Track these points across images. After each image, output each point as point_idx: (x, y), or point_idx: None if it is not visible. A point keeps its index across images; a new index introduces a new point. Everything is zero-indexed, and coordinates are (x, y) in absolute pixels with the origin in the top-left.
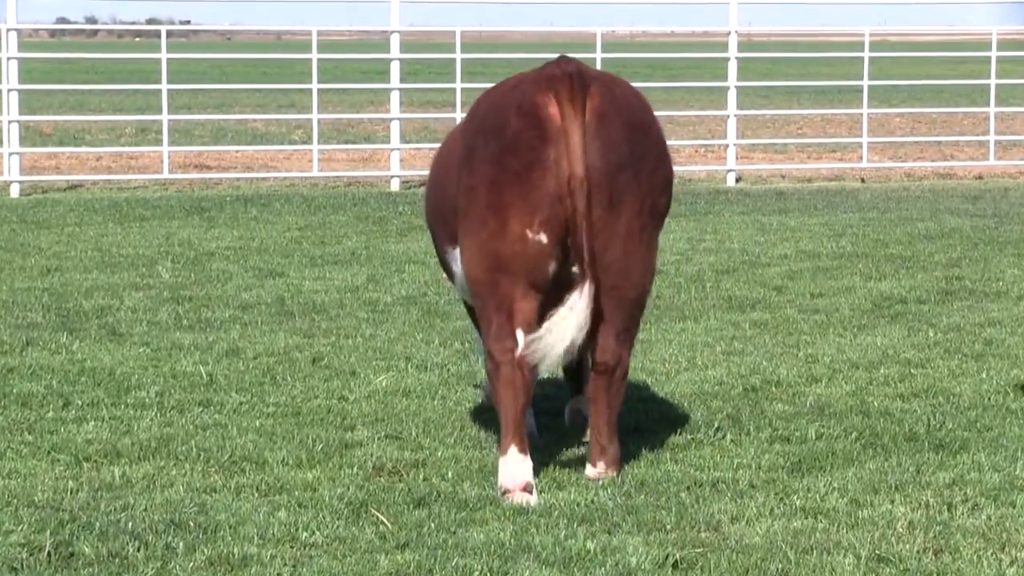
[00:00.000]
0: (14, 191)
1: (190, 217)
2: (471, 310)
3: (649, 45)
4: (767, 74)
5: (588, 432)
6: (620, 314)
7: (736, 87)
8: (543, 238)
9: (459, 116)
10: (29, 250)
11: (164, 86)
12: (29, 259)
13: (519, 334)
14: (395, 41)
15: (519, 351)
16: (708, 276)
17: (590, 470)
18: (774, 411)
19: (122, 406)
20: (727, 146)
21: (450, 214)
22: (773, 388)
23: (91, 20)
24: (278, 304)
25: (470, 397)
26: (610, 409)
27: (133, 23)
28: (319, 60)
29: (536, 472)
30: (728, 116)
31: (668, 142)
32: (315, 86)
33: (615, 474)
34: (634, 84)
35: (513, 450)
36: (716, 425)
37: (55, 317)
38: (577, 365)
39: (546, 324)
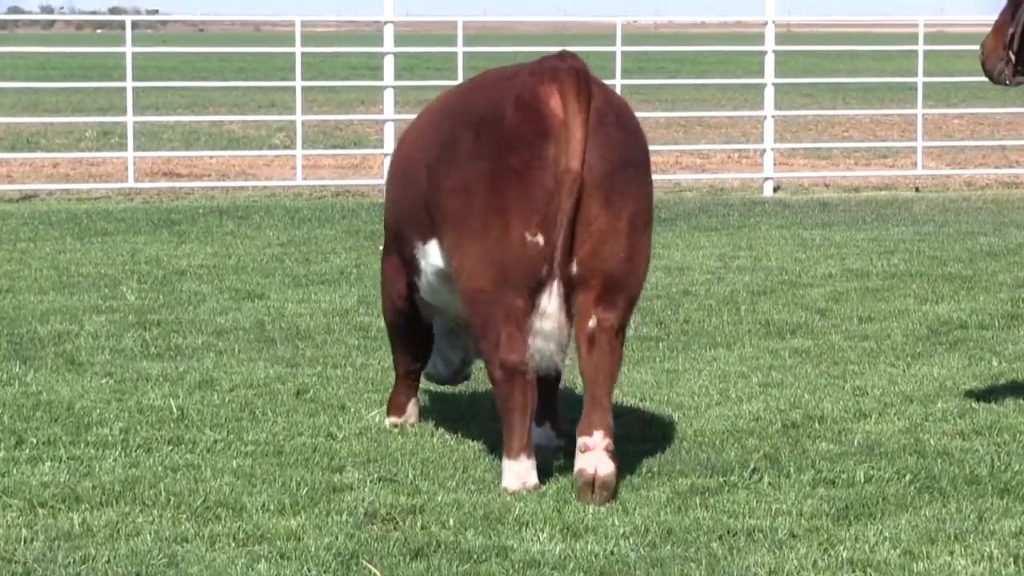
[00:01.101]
0: None
1: (158, 231)
2: (405, 310)
3: (675, 37)
4: (809, 70)
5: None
6: (620, 306)
7: (774, 84)
8: (540, 239)
9: None
10: None
11: (129, 84)
12: None
13: (528, 341)
14: (389, 33)
15: (528, 358)
16: (742, 298)
17: (586, 439)
18: (817, 450)
19: (82, 444)
20: (763, 151)
21: (420, 210)
22: (816, 424)
23: (47, 9)
24: (257, 329)
25: (473, 434)
26: (610, 379)
27: (94, 13)
28: (303, 54)
29: (548, 518)
30: (764, 117)
31: (698, 146)
32: (299, 83)
33: (611, 442)
34: (660, 80)
35: (523, 456)
36: (752, 466)
37: (6, 344)
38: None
39: (531, 334)
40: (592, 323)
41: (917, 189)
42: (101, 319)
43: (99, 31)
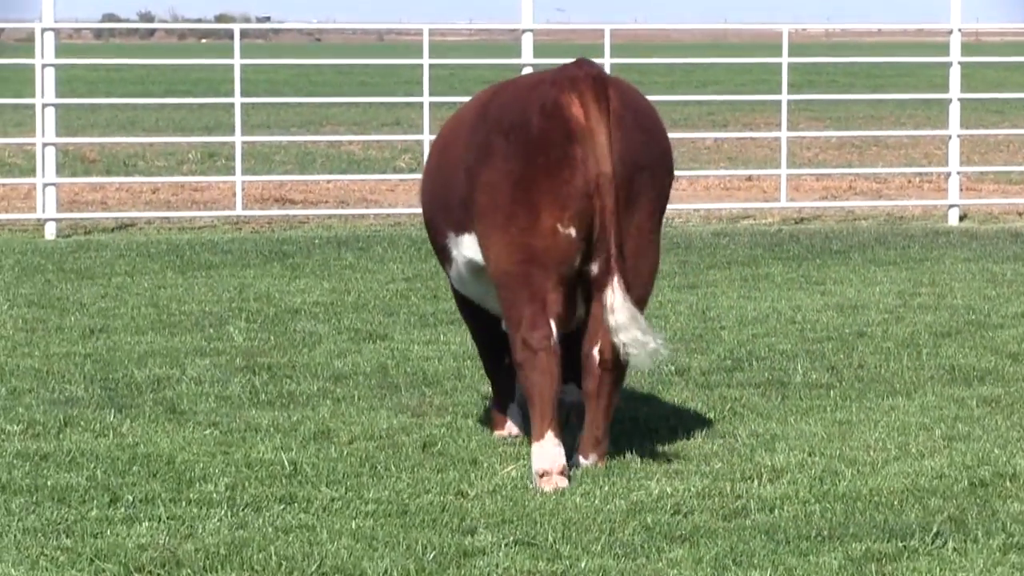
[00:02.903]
0: (50, 231)
1: (269, 264)
2: (463, 304)
3: (848, 47)
4: (999, 83)
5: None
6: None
7: (960, 100)
8: (572, 232)
9: None
10: (68, 306)
11: (237, 99)
12: (68, 317)
13: (552, 323)
14: (527, 42)
15: (554, 338)
16: (924, 340)
17: (581, 461)
18: (1009, 512)
19: (183, 503)
20: (948, 175)
21: (456, 204)
22: (1008, 483)
23: (146, 17)
24: (379, 374)
25: (620, 492)
26: (611, 404)
27: (199, 21)
28: (432, 66)
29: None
30: (949, 137)
31: (874, 169)
32: (426, 99)
33: (603, 464)
34: (831, 96)
35: (550, 435)
36: (935, 529)
37: (100, 390)
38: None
39: (611, 333)
40: (597, 346)
41: None
42: (205, 362)
43: (204, 41)
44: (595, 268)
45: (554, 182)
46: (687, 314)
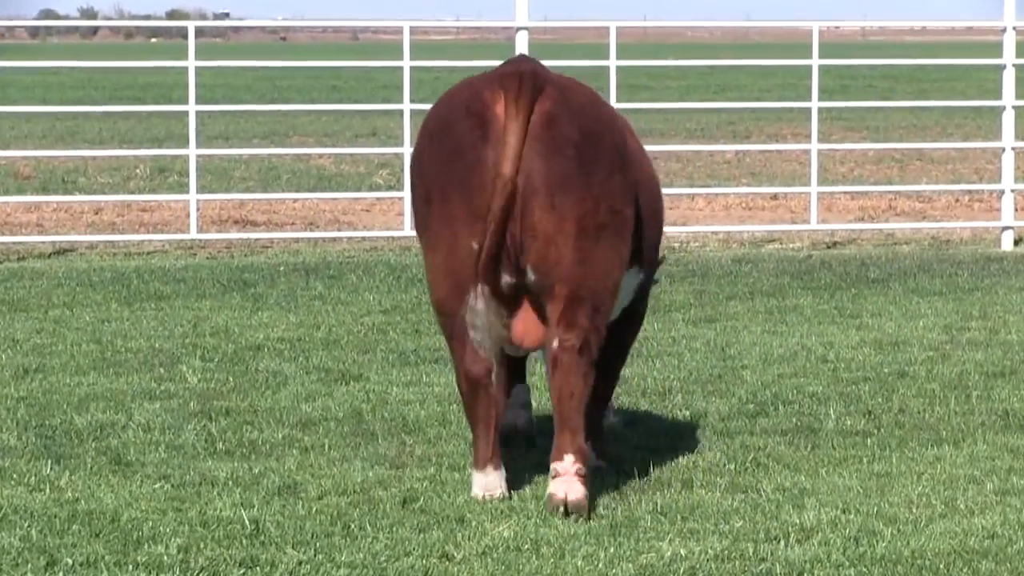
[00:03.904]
0: None
1: (227, 295)
2: None
3: (888, 47)
4: None
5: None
6: (582, 306)
7: (1014, 107)
8: (475, 246)
9: None
10: None
11: (191, 107)
12: None
13: (489, 355)
14: (522, 41)
15: (494, 369)
16: (974, 381)
17: (557, 464)
18: None
19: (130, 567)
20: (1001, 192)
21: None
22: None
23: (88, 13)
24: (353, 420)
25: (627, 553)
26: (576, 399)
27: (148, 17)
28: (413, 69)
29: None
30: (1002, 149)
31: (917, 186)
32: (407, 106)
33: (583, 467)
34: (868, 103)
35: (489, 467)
36: None
37: (35, 438)
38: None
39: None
40: (555, 343)
41: None
42: (155, 407)
43: (154, 40)
44: (531, 277)
45: (468, 192)
46: (704, 351)
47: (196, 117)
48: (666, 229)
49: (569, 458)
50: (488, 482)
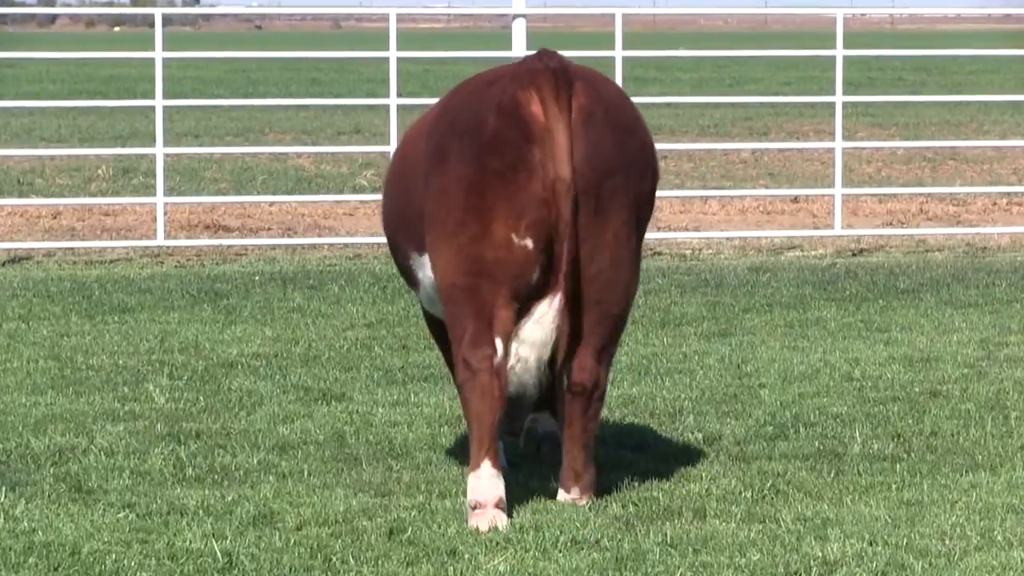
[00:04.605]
0: None
1: (198, 307)
2: (433, 323)
3: (917, 36)
4: None
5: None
6: (601, 330)
7: None
8: (529, 243)
9: None
10: None
11: (158, 102)
12: None
13: (498, 342)
14: (519, 30)
15: (498, 359)
16: (1013, 401)
17: (563, 495)
18: None
19: None
20: None
21: (416, 219)
22: None
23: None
24: (335, 444)
25: None
26: (586, 433)
27: (110, 4)
28: (400, 60)
29: None
30: None
31: (951, 188)
32: (393, 101)
33: (589, 501)
34: (897, 97)
35: (486, 464)
36: None
37: None
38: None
39: (515, 339)
40: (579, 369)
41: None
42: (118, 429)
43: (117, 29)
44: (549, 280)
45: (509, 188)
46: (718, 368)
47: (163, 113)
48: (677, 235)
49: (576, 491)
50: (487, 484)
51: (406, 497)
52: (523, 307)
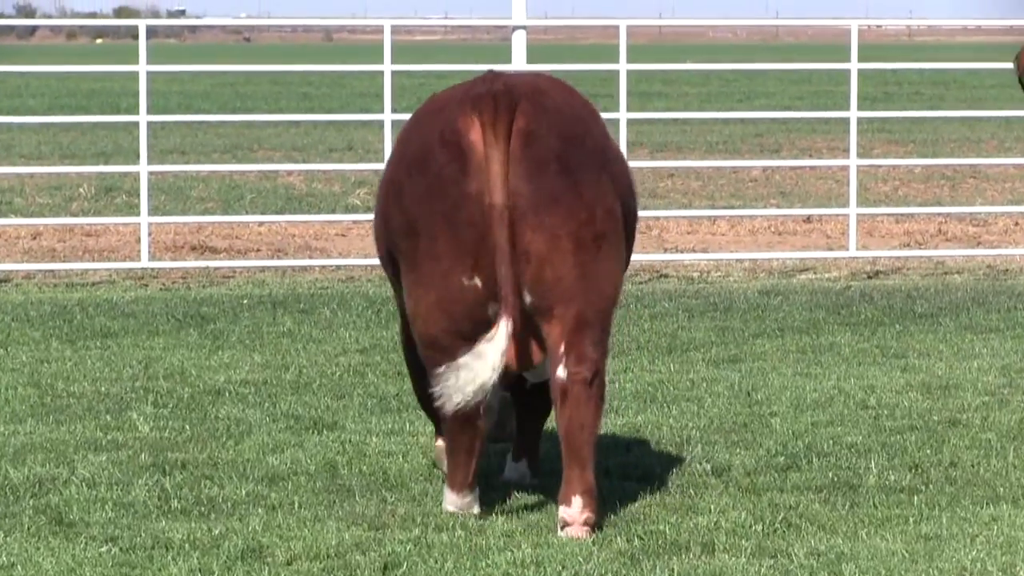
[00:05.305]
0: None
1: (183, 332)
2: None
3: (935, 48)
4: None
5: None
6: (586, 328)
7: None
8: (477, 283)
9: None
10: None
11: (142, 118)
12: None
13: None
14: (519, 43)
15: (481, 404)
16: None
17: (564, 511)
18: None
19: None
20: None
21: (394, 250)
22: None
23: (25, 10)
24: (327, 474)
25: None
26: (587, 431)
27: (93, 15)
28: (395, 74)
29: None
30: None
31: (971, 208)
32: (388, 117)
33: (591, 516)
34: (914, 112)
35: (465, 491)
36: None
37: None
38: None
39: (459, 360)
40: (563, 375)
41: None
42: (101, 459)
43: (100, 41)
44: (527, 299)
45: (453, 229)
46: (727, 396)
47: (148, 129)
48: (684, 256)
49: (577, 503)
50: (464, 502)
51: (401, 531)
52: (545, 331)
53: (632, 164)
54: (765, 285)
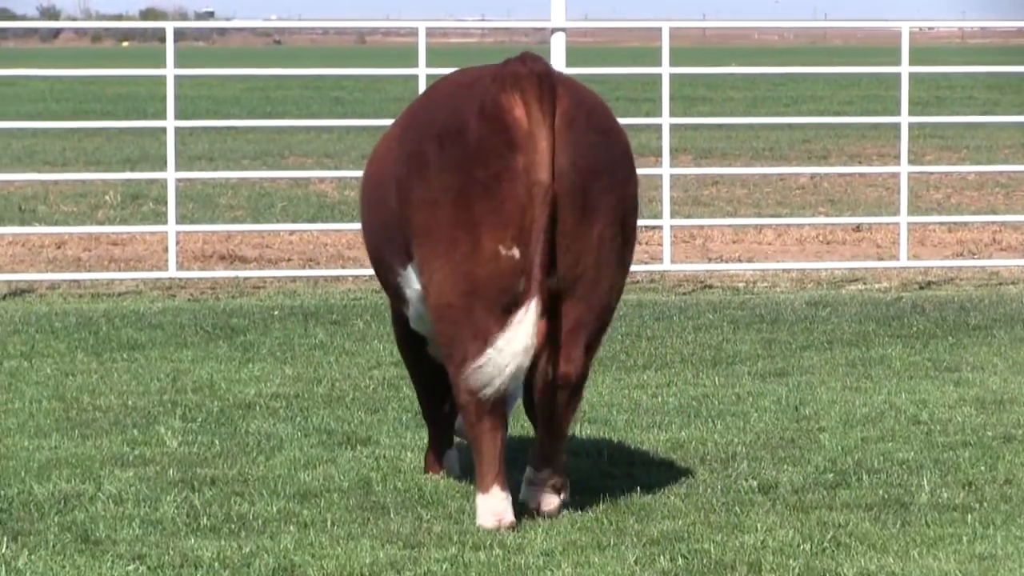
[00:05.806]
0: None
1: (213, 344)
2: (410, 341)
3: (989, 51)
4: None
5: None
6: (588, 327)
7: None
8: (516, 253)
9: (668, 167)
10: None
11: (170, 123)
12: None
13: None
14: (559, 45)
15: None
16: None
17: (531, 473)
18: None
19: None
20: None
21: (396, 230)
22: None
23: (49, 13)
24: (361, 491)
25: None
26: (566, 423)
27: (119, 18)
28: (429, 78)
29: None
30: None
31: (991, 216)
32: None
33: (560, 481)
34: (966, 118)
35: (496, 488)
36: None
37: None
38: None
39: (494, 346)
40: (559, 365)
41: None
42: (128, 475)
43: (126, 44)
44: (554, 283)
45: (495, 198)
46: (774, 411)
47: (175, 134)
48: (730, 266)
49: (547, 470)
50: (499, 507)
51: (437, 549)
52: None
53: (675, 171)
54: (813, 296)
